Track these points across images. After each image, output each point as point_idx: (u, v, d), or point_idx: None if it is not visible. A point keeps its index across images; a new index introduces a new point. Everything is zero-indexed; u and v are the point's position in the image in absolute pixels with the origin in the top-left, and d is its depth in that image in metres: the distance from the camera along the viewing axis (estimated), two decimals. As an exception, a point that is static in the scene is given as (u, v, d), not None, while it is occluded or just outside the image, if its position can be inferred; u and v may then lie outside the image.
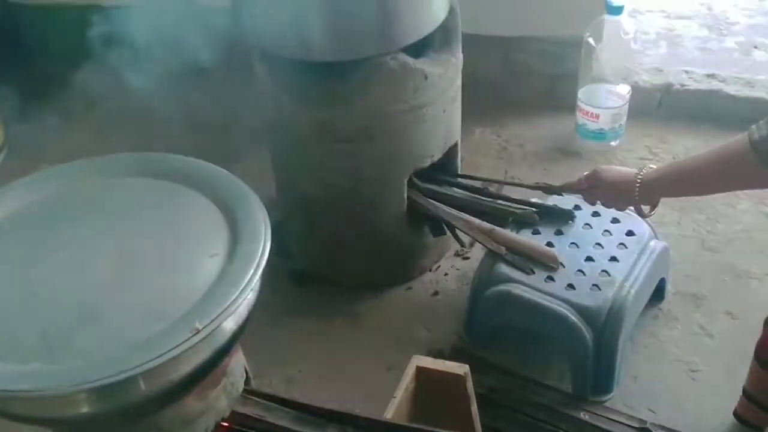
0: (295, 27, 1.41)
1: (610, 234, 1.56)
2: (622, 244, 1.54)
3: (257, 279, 1.08)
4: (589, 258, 1.51)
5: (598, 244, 1.54)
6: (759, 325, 1.28)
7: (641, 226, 1.58)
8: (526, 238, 1.55)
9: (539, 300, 1.44)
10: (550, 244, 1.54)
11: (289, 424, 1.17)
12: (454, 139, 1.71)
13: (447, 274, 1.79)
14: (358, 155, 1.56)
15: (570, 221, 1.59)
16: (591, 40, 1.99)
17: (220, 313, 1.01)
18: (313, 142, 1.57)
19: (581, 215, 1.61)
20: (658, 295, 1.64)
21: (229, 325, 1.07)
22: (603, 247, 1.53)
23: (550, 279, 1.48)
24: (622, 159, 2.06)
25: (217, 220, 1.19)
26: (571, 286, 1.46)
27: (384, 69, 1.45)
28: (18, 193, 1.23)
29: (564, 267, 1.49)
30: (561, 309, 1.42)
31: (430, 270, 1.80)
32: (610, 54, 1.99)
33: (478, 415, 1.23)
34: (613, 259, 1.51)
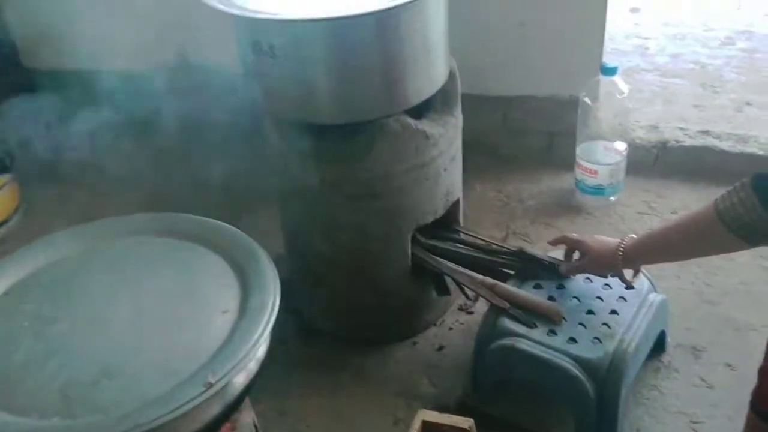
0: (303, 93, 1.48)
1: (610, 287, 1.60)
2: (622, 297, 1.57)
3: (267, 335, 1.12)
4: (590, 311, 1.54)
5: (598, 297, 1.58)
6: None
7: (640, 280, 1.61)
8: (528, 293, 1.59)
9: (542, 354, 1.47)
10: (552, 298, 1.58)
11: (298, 478, 1.20)
12: (455, 196, 1.76)
13: (452, 329, 1.82)
14: (362, 212, 1.61)
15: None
16: (587, 100, 2.06)
17: (231, 369, 1.05)
18: (319, 200, 1.63)
19: (581, 269, 1.64)
20: (659, 347, 1.67)
21: (240, 379, 1.11)
22: (603, 300, 1.57)
23: (553, 332, 1.51)
24: (621, 214, 2.11)
25: (228, 277, 1.24)
26: (573, 340, 1.49)
27: (387, 130, 1.51)
28: (39, 251, 1.29)
29: (566, 320, 1.53)
30: (563, 362, 1.45)
31: (434, 324, 1.83)
32: (607, 112, 2.06)
33: (484, 468, 1.25)
34: (613, 312, 1.54)
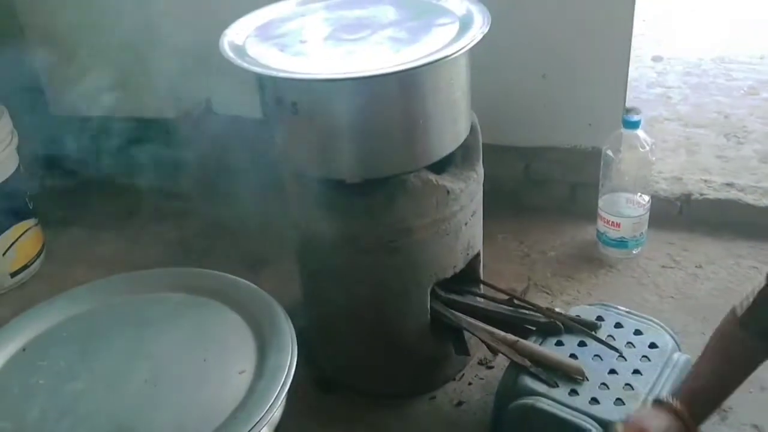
0: (324, 150, 1.49)
1: (633, 346, 1.57)
2: (645, 356, 1.54)
3: (283, 397, 1.11)
4: (612, 371, 1.51)
5: (621, 356, 1.55)
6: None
7: (664, 338, 1.58)
8: (550, 350, 1.57)
9: (563, 414, 1.44)
10: (573, 356, 1.55)
11: None
12: (476, 250, 1.75)
13: (471, 384, 1.79)
14: (381, 267, 1.60)
15: (593, 332, 1.60)
16: (610, 152, 2.04)
17: (247, 432, 1.04)
18: (338, 253, 1.62)
19: (604, 327, 1.62)
20: (684, 407, 1.63)
21: (256, 441, 1.10)
22: (626, 359, 1.54)
23: (574, 392, 1.48)
24: (644, 267, 2.08)
25: (245, 335, 1.24)
26: (595, 400, 1.46)
27: (408, 186, 1.51)
28: (59, 307, 1.30)
29: (588, 380, 1.50)
30: (585, 424, 1.41)
31: (453, 379, 1.81)
32: (630, 165, 2.05)
33: None
34: (636, 372, 1.51)
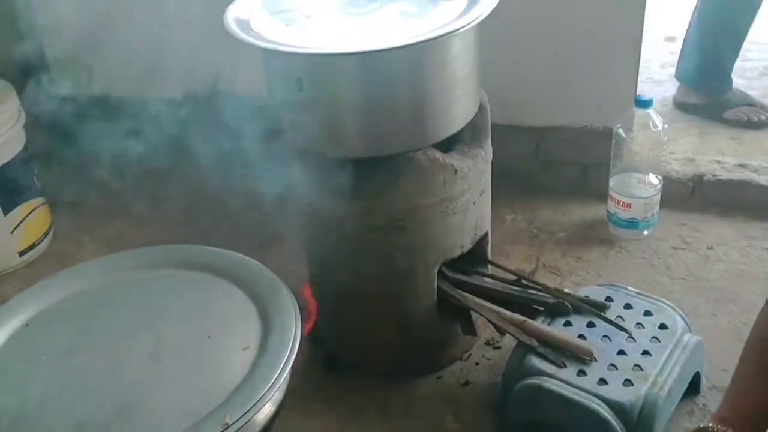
0: (330, 127, 1.47)
1: (643, 327, 1.55)
2: (655, 337, 1.52)
3: (287, 374, 1.10)
4: (621, 352, 1.50)
5: (630, 337, 1.53)
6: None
7: (674, 319, 1.57)
8: (558, 331, 1.55)
9: (571, 395, 1.43)
10: (582, 337, 1.54)
11: None
12: (484, 230, 1.73)
13: (478, 364, 1.78)
14: (388, 246, 1.58)
15: (602, 313, 1.59)
16: (621, 131, 2.02)
17: (249, 408, 1.03)
18: (344, 233, 1.61)
19: (613, 307, 1.60)
20: (693, 388, 1.61)
21: (260, 417, 1.09)
22: (635, 340, 1.52)
23: (582, 373, 1.46)
24: (655, 248, 2.06)
25: (249, 312, 1.23)
26: (603, 381, 1.44)
27: (414, 164, 1.49)
28: (61, 283, 1.29)
29: (596, 361, 1.48)
30: (593, 405, 1.40)
31: (460, 359, 1.79)
32: (641, 145, 2.02)
33: None
34: (645, 353, 1.49)
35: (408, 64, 1.41)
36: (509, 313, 1.60)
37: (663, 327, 1.55)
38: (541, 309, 1.63)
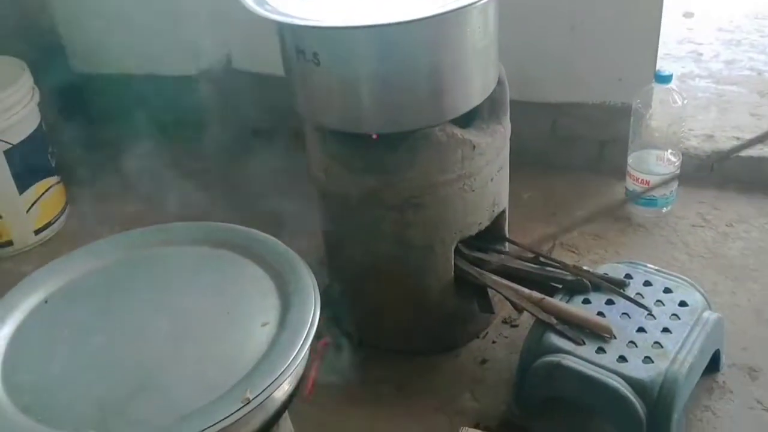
0: (347, 102, 1.45)
1: (663, 304, 1.54)
2: (675, 315, 1.51)
3: (307, 349, 1.09)
4: (641, 329, 1.49)
5: (650, 314, 1.52)
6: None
7: (694, 296, 1.55)
8: (576, 308, 1.54)
9: (590, 372, 1.42)
10: (600, 314, 1.52)
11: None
12: (501, 207, 1.72)
13: (495, 342, 1.78)
14: (405, 223, 1.57)
15: (621, 290, 1.57)
16: (640, 107, 1.99)
17: (270, 384, 1.03)
18: (361, 210, 1.60)
19: (633, 285, 1.59)
20: (713, 365, 1.60)
21: (278, 394, 1.09)
22: (655, 317, 1.51)
23: (601, 350, 1.45)
24: (674, 226, 2.04)
25: (268, 289, 1.22)
26: (623, 358, 1.43)
27: (432, 140, 1.47)
28: (81, 260, 1.29)
29: (615, 338, 1.47)
30: (613, 382, 1.39)
31: (477, 337, 1.79)
32: (660, 121, 1.99)
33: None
34: (665, 330, 1.48)
35: (426, 37, 1.38)
36: (527, 291, 1.59)
37: (683, 304, 1.53)
38: (560, 287, 1.61)
